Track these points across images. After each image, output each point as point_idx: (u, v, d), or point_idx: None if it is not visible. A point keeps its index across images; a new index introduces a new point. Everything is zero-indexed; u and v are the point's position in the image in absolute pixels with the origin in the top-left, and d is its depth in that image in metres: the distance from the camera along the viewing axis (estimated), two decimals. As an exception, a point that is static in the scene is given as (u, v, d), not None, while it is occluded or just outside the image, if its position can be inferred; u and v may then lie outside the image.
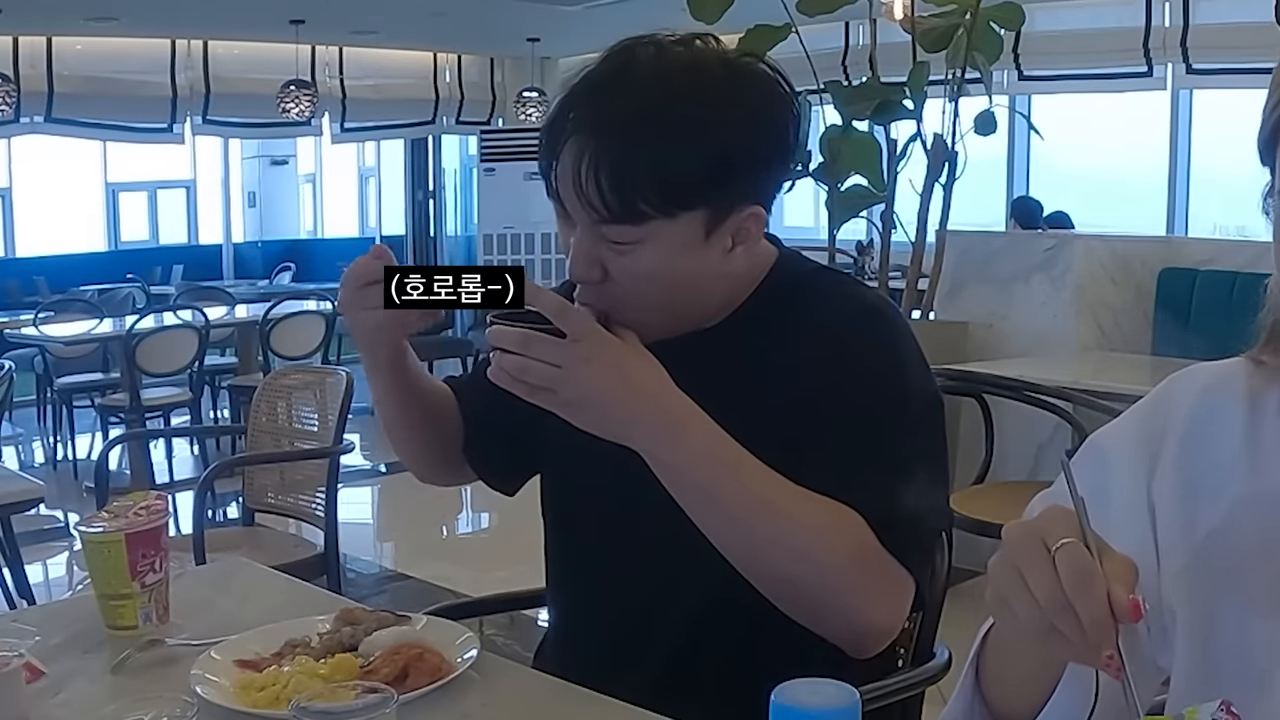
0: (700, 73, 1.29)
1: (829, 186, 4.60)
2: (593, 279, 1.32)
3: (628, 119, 1.26)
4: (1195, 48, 7.54)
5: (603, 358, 1.23)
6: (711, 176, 1.27)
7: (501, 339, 1.23)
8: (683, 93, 1.27)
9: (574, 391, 1.23)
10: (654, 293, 1.32)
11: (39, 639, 1.40)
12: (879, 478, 1.29)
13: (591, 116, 1.28)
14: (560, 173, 1.30)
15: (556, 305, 1.23)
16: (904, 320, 1.44)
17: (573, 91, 1.31)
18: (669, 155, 1.25)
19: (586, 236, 1.30)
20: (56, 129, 9.87)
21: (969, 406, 3.98)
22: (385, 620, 1.40)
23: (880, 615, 1.31)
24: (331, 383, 3.64)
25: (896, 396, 1.33)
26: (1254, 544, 0.95)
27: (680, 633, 1.41)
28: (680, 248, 1.29)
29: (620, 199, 1.26)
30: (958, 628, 1.48)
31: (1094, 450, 1.05)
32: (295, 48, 9.81)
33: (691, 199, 1.27)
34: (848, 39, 8.91)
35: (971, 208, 5.96)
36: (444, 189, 13.11)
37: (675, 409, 1.26)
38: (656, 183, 1.25)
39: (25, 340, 7.36)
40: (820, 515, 1.25)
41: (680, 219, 1.28)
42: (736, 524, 1.26)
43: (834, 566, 1.26)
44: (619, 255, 1.30)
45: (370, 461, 6.66)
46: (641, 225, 1.27)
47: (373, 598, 4.46)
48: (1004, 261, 4.86)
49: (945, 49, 4.56)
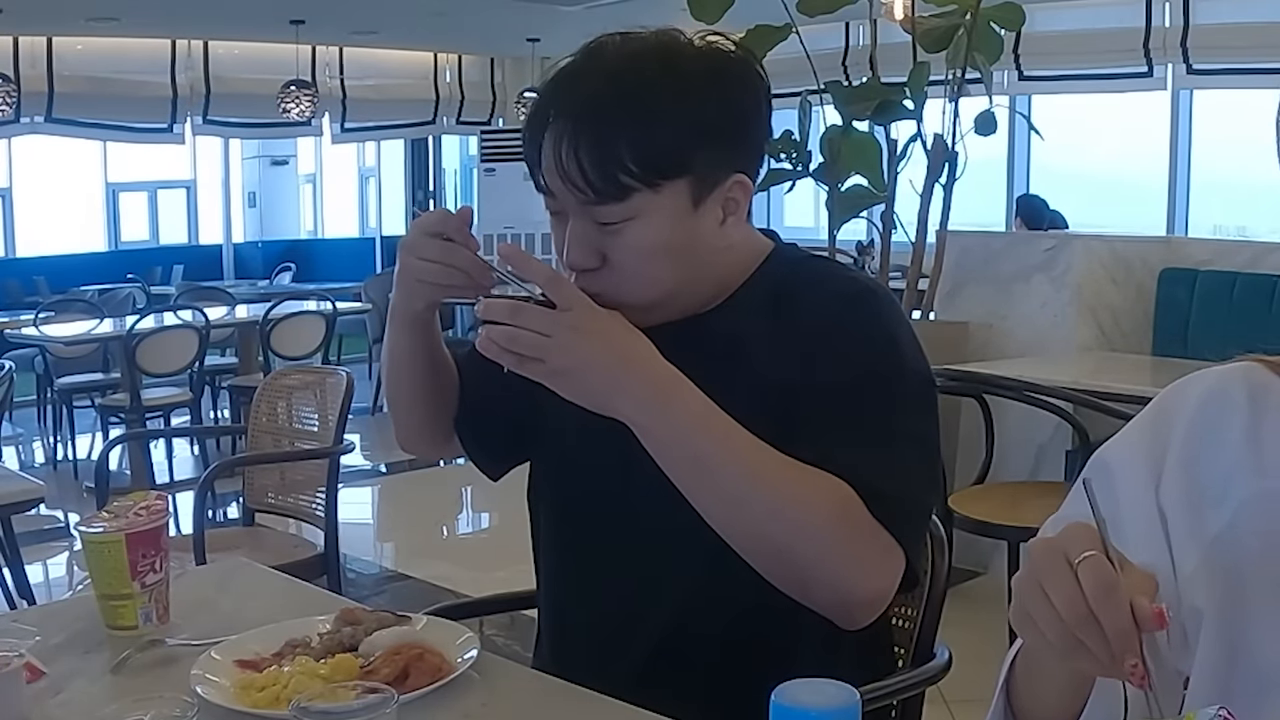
0: (668, 50, 1.34)
1: (829, 187, 4.60)
2: (591, 266, 1.33)
3: (600, 97, 1.29)
4: (1195, 48, 7.54)
5: (591, 326, 1.25)
6: (689, 144, 1.30)
7: (490, 311, 1.25)
8: (653, 67, 1.31)
9: (562, 360, 1.23)
10: (652, 271, 1.33)
11: (39, 639, 1.40)
12: (869, 449, 1.29)
13: (567, 102, 1.31)
14: (544, 162, 1.32)
15: (548, 274, 1.25)
16: (897, 303, 1.45)
17: (548, 85, 1.35)
18: (644, 126, 1.28)
19: (579, 223, 1.32)
20: (57, 129, 9.88)
21: (969, 407, 3.98)
22: (385, 620, 1.40)
23: (869, 584, 1.29)
24: (332, 383, 3.64)
25: (889, 373, 1.34)
26: (1261, 542, 0.95)
27: (670, 623, 1.41)
28: (670, 220, 1.32)
29: (602, 175, 1.28)
30: (958, 628, 1.48)
31: (1100, 467, 1.05)
32: (295, 48, 9.82)
33: (671, 168, 1.30)
34: (848, 39, 8.91)
35: (972, 208, 5.97)
36: (444, 189, 13.13)
37: (663, 378, 1.27)
38: (635, 155, 1.28)
39: (25, 340, 7.36)
40: (808, 483, 1.26)
41: (664, 190, 1.30)
42: (725, 492, 1.26)
43: (822, 533, 1.26)
44: (613, 236, 1.31)
45: (371, 462, 6.66)
46: (627, 200, 1.29)
47: (373, 598, 4.46)
48: (1004, 262, 4.85)
49: (945, 49, 4.56)
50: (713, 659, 1.39)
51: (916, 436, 1.34)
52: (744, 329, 1.39)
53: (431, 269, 1.35)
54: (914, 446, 1.33)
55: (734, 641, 1.38)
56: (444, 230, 1.34)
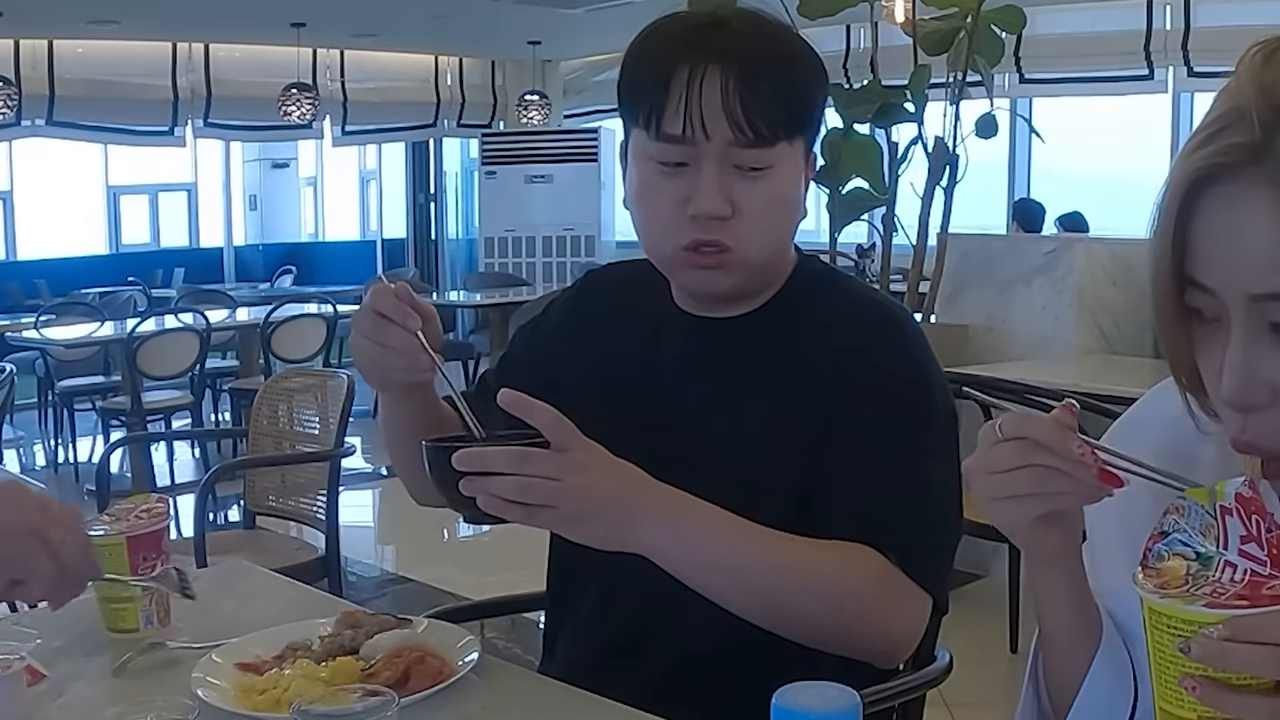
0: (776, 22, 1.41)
1: (830, 189, 4.59)
2: (724, 214, 1.34)
3: (758, 47, 1.34)
4: (1196, 50, 7.54)
5: (597, 463, 1.22)
6: (812, 105, 1.39)
7: (492, 461, 1.17)
8: (781, 34, 1.39)
9: (576, 503, 1.20)
10: (775, 224, 1.38)
11: (40, 642, 1.40)
12: (901, 506, 1.31)
13: (720, 48, 1.32)
14: (704, 102, 1.31)
15: (552, 417, 1.20)
16: (920, 328, 1.47)
17: (680, 33, 1.36)
18: (794, 78, 1.36)
19: (716, 169, 1.33)
20: (58, 132, 9.89)
21: (970, 409, 3.97)
22: (386, 623, 1.40)
23: (903, 635, 1.34)
24: (333, 386, 3.64)
25: (921, 414, 1.37)
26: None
27: (681, 633, 1.41)
28: (795, 174, 1.38)
29: (765, 118, 1.31)
30: (958, 631, 1.48)
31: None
32: (296, 51, 9.82)
33: (804, 124, 1.38)
34: (849, 42, 8.92)
35: (972, 211, 5.96)
36: (445, 192, 13.13)
37: (669, 498, 1.26)
38: (788, 103, 1.34)
39: (26, 343, 7.36)
40: (834, 563, 1.28)
41: (796, 144, 1.37)
42: (754, 590, 1.28)
43: (854, 609, 1.29)
44: (750, 183, 1.34)
45: (371, 464, 6.66)
46: (773, 148, 1.33)
47: (374, 601, 4.46)
48: (1005, 264, 4.85)
49: (946, 52, 4.56)
50: (720, 662, 1.39)
51: (944, 480, 1.36)
52: (784, 332, 1.42)
53: (369, 347, 1.33)
54: (943, 491, 1.36)
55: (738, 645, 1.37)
56: (379, 307, 1.31)
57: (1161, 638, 0.77)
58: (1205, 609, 0.75)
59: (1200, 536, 0.80)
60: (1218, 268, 0.82)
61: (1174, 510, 0.83)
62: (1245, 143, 0.79)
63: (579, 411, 1.24)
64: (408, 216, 13.03)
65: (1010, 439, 0.91)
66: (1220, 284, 0.82)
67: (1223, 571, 0.78)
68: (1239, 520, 0.79)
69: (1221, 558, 0.79)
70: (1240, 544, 0.78)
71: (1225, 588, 0.77)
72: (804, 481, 1.35)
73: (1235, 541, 0.79)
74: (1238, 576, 0.77)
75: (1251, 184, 0.79)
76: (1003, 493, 0.92)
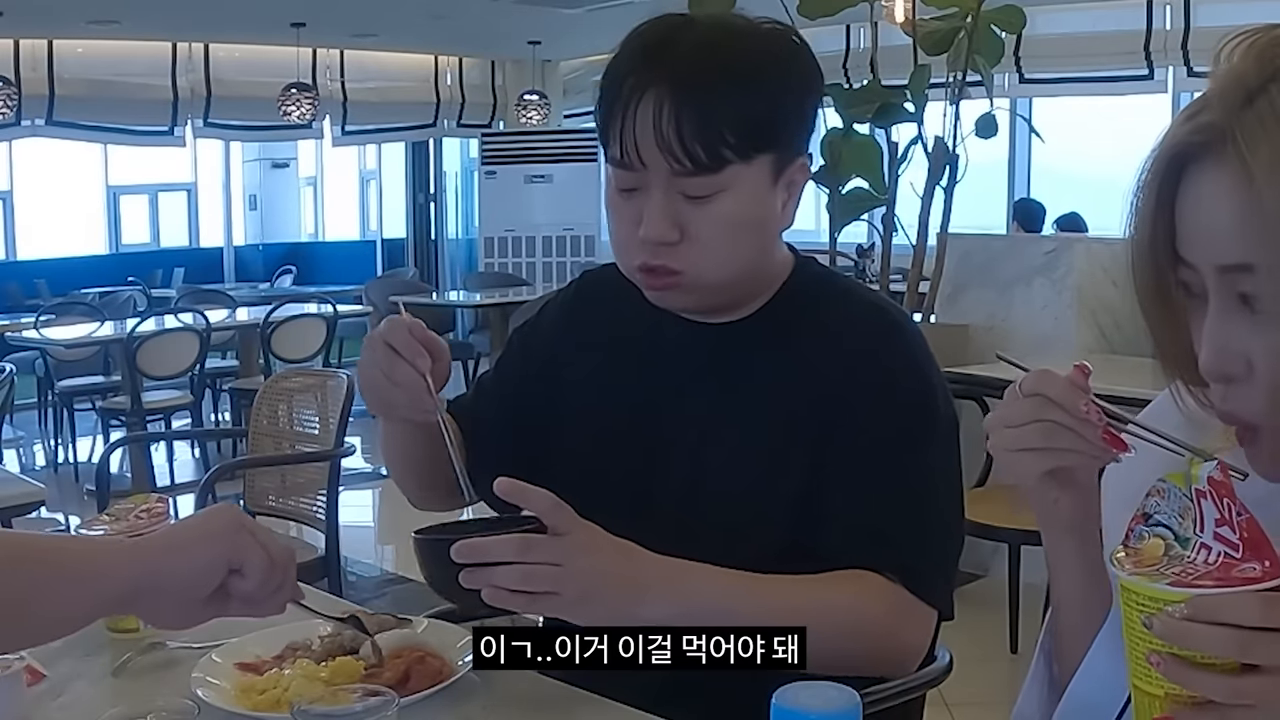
0: (746, 30, 1.35)
1: (830, 189, 4.59)
2: (671, 240, 1.31)
3: (702, 66, 1.28)
4: (1196, 51, 7.54)
5: (598, 543, 1.21)
6: (779, 117, 1.32)
7: (493, 551, 1.16)
8: (739, 45, 1.32)
9: (578, 587, 1.18)
10: (730, 247, 1.33)
11: (40, 642, 1.40)
12: (906, 524, 1.32)
13: (661, 73, 1.28)
14: (637, 131, 1.29)
15: (550, 502, 1.19)
16: (920, 332, 1.46)
17: (632, 55, 1.32)
18: (744, 96, 1.29)
19: (662, 195, 1.30)
20: (57, 132, 9.89)
21: (970, 410, 3.97)
22: (386, 623, 1.40)
23: (912, 650, 1.36)
24: (332, 386, 3.64)
25: (925, 423, 1.37)
26: None
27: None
28: (753, 194, 1.32)
29: (703, 145, 1.27)
30: (958, 631, 1.48)
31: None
32: (296, 50, 9.82)
33: (764, 141, 1.31)
34: (849, 42, 8.92)
35: (972, 210, 5.96)
36: (445, 192, 13.13)
37: (671, 569, 1.26)
38: (735, 124, 1.28)
39: (26, 343, 7.36)
40: (844, 597, 1.29)
41: (754, 163, 1.31)
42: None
43: (867, 639, 1.30)
44: (698, 209, 1.30)
45: (371, 464, 6.65)
46: (721, 172, 1.29)
47: (374, 600, 4.46)
48: (1005, 264, 4.85)
49: (946, 52, 4.56)
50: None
51: (947, 492, 1.37)
52: (778, 338, 1.41)
53: (376, 377, 1.32)
54: (947, 502, 1.37)
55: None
56: (392, 340, 1.30)
57: (1131, 614, 0.79)
58: (1169, 587, 0.77)
59: (1179, 519, 0.82)
60: (1195, 242, 0.87)
61: (1155, 493, 0.84)
62: (1215, 122, 0.83)
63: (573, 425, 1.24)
64: (408, 216, 13.03)
65: (1028, 395, 0.95)
66: (1198, 258, 0.87)
67: (1198, 553, 0.80)
68: (1212, 503, 0.80)
69: (1198, 540, 0.80)
70: (1215, 527, 0.80)
71: (1197, 569, 0.78)
72: (804, 482, 1.35)
73: (1210, 524, 0.80)
74: (1211, 559, 0.79)
75: (1220, 160, 0.83)
76: (1016, 445, 0.96)
